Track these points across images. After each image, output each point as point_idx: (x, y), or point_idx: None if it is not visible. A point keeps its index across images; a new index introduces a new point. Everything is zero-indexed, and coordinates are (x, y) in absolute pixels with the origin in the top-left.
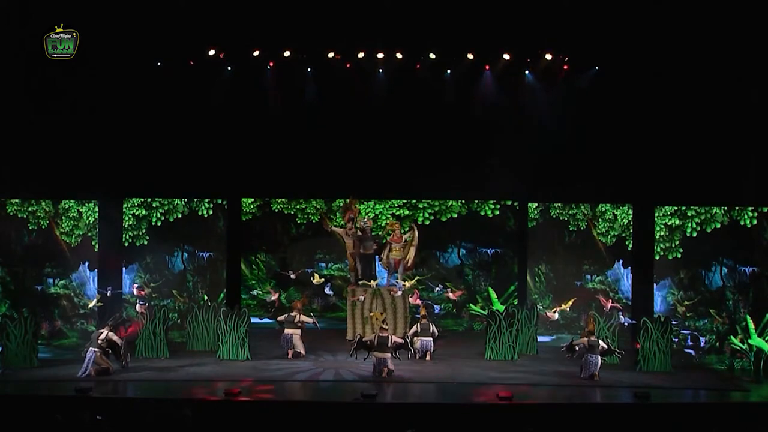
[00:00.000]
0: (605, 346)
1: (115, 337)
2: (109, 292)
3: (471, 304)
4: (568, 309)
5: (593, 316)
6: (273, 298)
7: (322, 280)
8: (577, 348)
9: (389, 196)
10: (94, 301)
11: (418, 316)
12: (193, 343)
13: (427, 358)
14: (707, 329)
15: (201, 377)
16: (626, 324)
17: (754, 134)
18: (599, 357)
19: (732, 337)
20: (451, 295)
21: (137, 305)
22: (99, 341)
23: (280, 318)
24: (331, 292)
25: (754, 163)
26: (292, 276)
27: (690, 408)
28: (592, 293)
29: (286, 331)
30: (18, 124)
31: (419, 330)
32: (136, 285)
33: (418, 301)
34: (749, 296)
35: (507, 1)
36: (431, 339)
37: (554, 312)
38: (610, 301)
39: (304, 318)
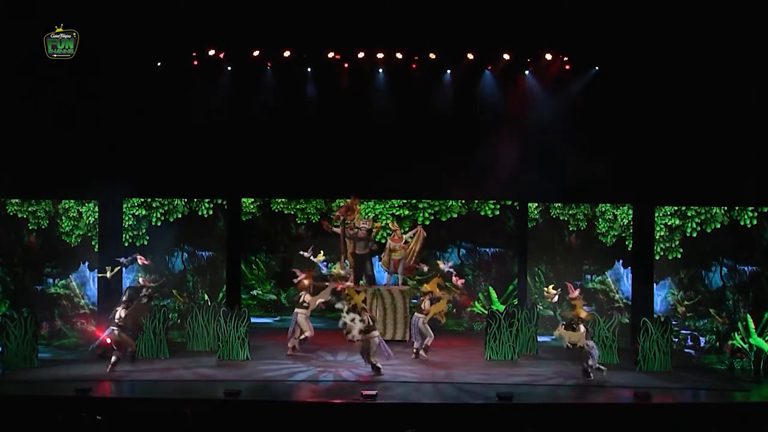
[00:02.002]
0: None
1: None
2: (125, 259)
3: (476, 302)
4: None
5: (575, 304)
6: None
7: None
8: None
9: (389, 196)
10: (109, 272)
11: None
12: (193, 343)
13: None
14: (707, 329)
15: (201, 377)
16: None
17: (754, 134)
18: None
19: (735, 334)
20: (455, 279)
21: (140, 278)
22: (116, 320)
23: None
24: (324, 268)
25: (754, 163)
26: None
27: (690, 408)
28: (592, 293)
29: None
30: (18, 124)
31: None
32: (139, 255)
33: (460, 282)
34: (749, 296)
35: (507, 1)
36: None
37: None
38: (577, 290)
39: (309, 282)
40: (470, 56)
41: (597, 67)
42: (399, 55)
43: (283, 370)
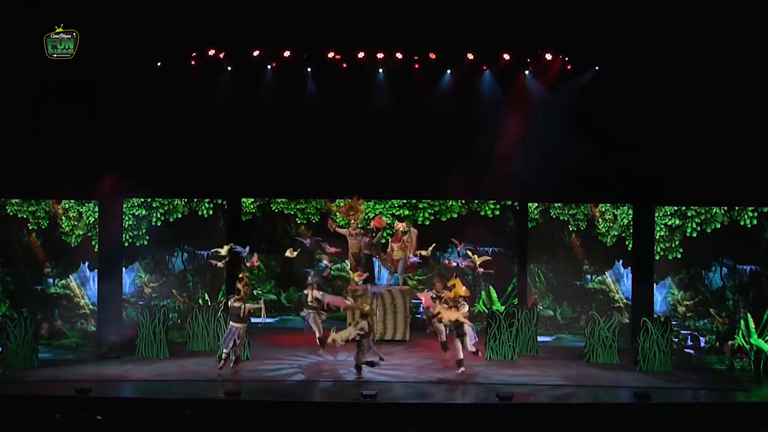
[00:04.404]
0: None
1: (320, 295)
2: (245, 251)
3: (481, 301)
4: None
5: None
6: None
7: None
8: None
9: (389, 196)
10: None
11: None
12: (193, 343)
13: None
14: (707, 329)
15: (201, 377)
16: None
17: (754, 134)
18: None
19: (738, 332)
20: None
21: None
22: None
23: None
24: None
25: (754, 163)
26: (307, 243)
27: (690, 408)
28: (592, 293)
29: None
30: (18, 124)
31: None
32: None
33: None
34: (749, 296)
35: (507, 1)
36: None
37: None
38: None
39: (316, 294)
40: (470, 56)
41: (597, 67)
42: (399, 55)
43: (283, 370)
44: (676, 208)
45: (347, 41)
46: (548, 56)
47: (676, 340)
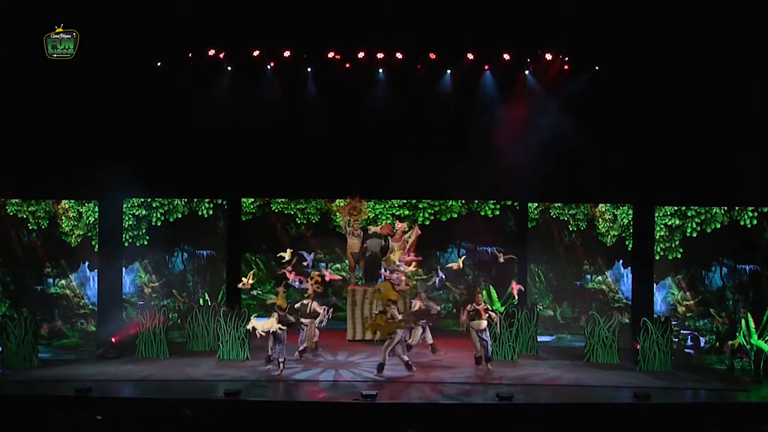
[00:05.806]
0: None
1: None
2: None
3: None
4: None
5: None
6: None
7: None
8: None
9: (389, 196)
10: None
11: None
12: (193, 343)
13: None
14: (707, 329)
15: (201, 377)
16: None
17: (754, 134)
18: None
19: (739, 332)
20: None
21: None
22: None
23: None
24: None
25: (754, 163)
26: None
27: (690, 408)
28: (592, 293)
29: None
30: (18, 124)
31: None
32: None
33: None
34: (749, 296)
35: (507, 1)
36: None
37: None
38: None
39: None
40: (470, 56)
41: (597, 67)
42: (399, 55)
43: (283, 370)
44: (676, 208)
45: (347, 41)
46: (548, 56)
47: (676, 340)
